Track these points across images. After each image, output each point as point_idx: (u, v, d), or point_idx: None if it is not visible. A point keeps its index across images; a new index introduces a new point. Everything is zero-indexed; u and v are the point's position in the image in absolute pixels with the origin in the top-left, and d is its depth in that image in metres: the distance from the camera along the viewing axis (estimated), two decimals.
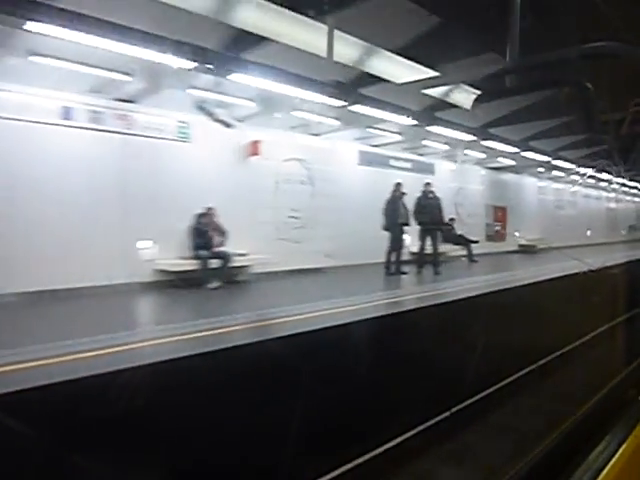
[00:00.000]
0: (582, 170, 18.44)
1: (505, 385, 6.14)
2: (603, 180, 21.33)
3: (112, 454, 2.68)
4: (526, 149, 13.27)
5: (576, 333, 8.06)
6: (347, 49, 6.11)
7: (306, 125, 9.31)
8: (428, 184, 9.61)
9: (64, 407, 2.72)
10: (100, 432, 2.72)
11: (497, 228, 15.16)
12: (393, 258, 9.12)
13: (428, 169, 12.73)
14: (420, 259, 9.50)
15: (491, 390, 5.90)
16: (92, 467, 2.55)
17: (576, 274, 8.61)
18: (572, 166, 16.92)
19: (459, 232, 13.02)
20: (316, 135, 9.78)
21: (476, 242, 12.84)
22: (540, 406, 5.27)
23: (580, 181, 20.68)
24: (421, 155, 12.51)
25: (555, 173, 19.05)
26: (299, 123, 9.18)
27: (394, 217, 8.89)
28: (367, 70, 6.76)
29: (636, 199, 30.19)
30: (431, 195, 9.50)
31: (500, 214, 15.89)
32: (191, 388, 3.18)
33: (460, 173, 14.18)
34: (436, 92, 8.11)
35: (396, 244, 9.02)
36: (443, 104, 8.58)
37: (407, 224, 9.06)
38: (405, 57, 6.56)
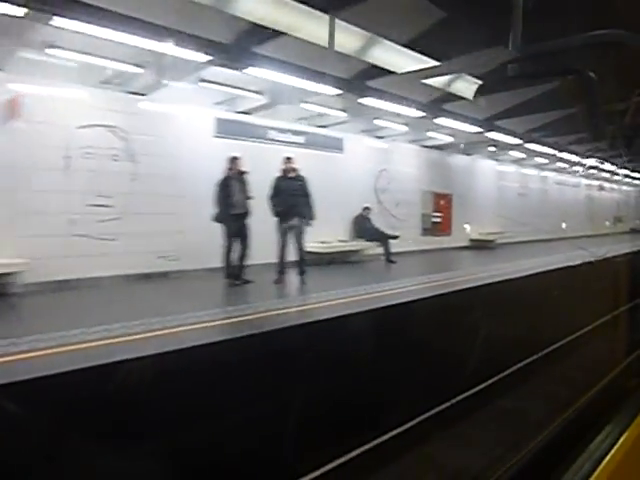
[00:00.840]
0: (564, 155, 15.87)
1: None
2: (583, 165, 18.78)
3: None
4: (490, 129, 10.77)
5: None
6: None
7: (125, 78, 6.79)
8: (289, 160, 7.05)
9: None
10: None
11: (436, 220, 12.58)
12: (235, 261, 6.62)
13: (332, 145, 10.15)
14: (280, 263, 6.95)
15: None
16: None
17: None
18: (548, 150, 14.39)
19: (380, 226, 10.51)
20: (141, 95, 7.22)
21: (395, 237, 10.28)
22: None
23: (553, 166, 18.06)
24: (323, 127, 9.93)
25: (538, 160, 16.55)
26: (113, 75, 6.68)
27: (226, 206, 6.37)
28: None
29: (624, 188, 27.50)
30: (292, 175, 6.96)
31: (443, 203, 13.31)
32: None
33: (385, 152, 11.60)
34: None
35: (233, 241, 6.50)
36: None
37: (246, 214, 6.52)
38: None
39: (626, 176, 22.95)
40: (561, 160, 17.12)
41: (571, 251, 10.19)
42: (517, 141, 12.89)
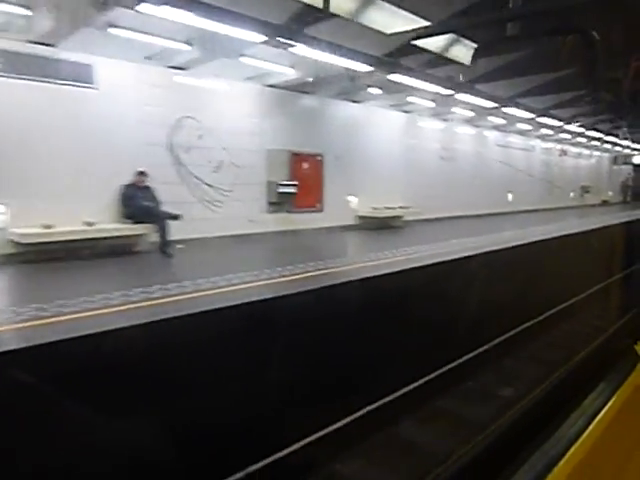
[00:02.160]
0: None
1: None
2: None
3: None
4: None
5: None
6: None
7: None
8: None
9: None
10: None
11: (286, 190, 8.99)
12: None
13: (71, 74, 6.48)
14: None
15: None
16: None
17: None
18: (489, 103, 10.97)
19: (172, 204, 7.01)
20: None
21: (175, 218, 6.76)
22: None
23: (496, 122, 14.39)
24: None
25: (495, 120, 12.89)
26: None
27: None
28: None
29: (597, 153, 23.79)
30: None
31: (307, 167, 9.70)
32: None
33: (193, 91, 7.94)
34: None
35: None
36: None
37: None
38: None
39: (595, 139, 19.22)
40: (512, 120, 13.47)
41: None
42: (434, 88, 9.31)
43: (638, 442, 1.41)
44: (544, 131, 16.27)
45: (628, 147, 21.95)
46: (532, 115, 13.79)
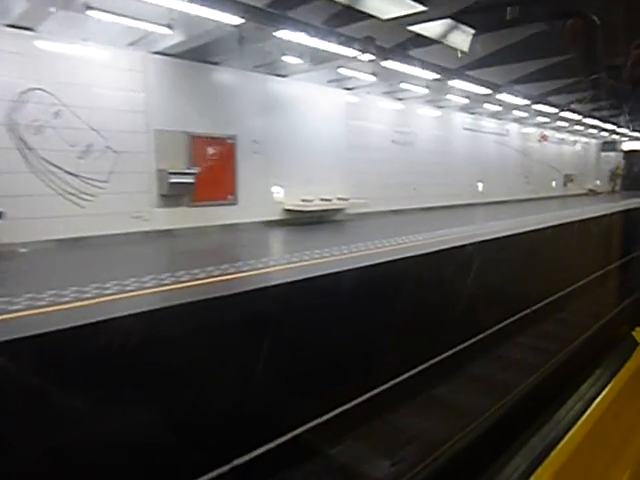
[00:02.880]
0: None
1: None
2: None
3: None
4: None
5: None
6: None
7: None
8: None
9: None
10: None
11: (183, 180, 7.48)
12: None
13: None
14: None
15: None
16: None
17: None
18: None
19: None
20: None
21: None
22: None
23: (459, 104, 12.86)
24: None
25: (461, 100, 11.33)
26: None
27: None
28: None
29: (585, 140, 22.18)
30: None
31: (213, 152, 8.17)
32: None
33: (37, 57, 6.40)
34: None
35: None
36: None
37: None
38: None
39: (580, 123, 17.62)
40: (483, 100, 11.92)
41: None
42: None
43: (635, 426, 1.43)
44: (519, 114, 14.69)
45: (615, 132, 20.34)
46: (527, 102, 12.48)
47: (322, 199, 9.78)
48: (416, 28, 6.80)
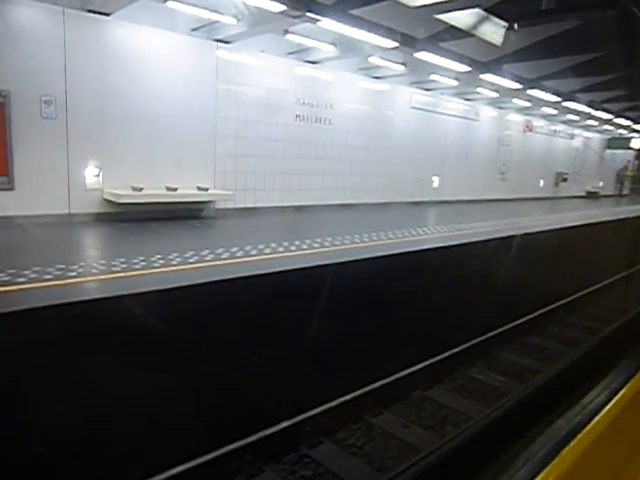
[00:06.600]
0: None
1: None
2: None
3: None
4: None
5: None
6: None
7: None
8: None
9: None
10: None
11: None
12: None
13: None
14: None
15: None
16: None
17: None
18: None
19: None
20: None
21: None
22: None
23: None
24: None
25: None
26: None
27: None
28: None
29: (588, 134, 18.92)
30: None
31: None
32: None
33: None
34: None
35: None
36: None
37: None
38: None
39: (572, 111, 14.48)
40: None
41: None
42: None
43: None
44: (489, 93, 11.73)
45: (630, 128, 17.12)
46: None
47: (168, 187, 7.22)
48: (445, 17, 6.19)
